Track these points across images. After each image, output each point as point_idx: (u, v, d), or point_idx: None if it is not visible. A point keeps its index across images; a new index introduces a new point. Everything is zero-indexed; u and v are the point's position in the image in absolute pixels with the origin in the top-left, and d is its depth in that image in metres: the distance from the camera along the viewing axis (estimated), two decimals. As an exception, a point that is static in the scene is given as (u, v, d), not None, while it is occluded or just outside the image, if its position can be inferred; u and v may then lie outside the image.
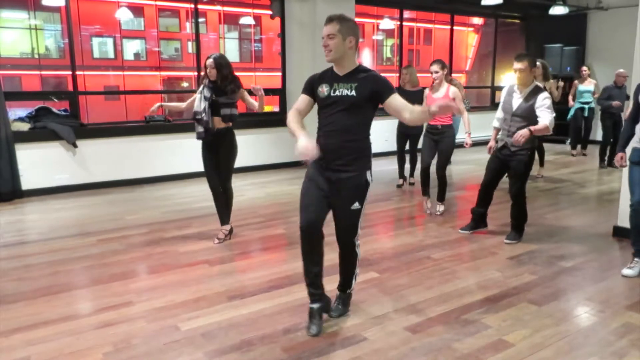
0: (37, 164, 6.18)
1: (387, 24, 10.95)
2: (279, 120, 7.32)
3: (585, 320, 3.03)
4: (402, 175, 6.81)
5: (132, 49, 20.07)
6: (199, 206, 5.49)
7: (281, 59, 8.22)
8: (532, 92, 4.08)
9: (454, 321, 2.96)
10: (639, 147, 3.65)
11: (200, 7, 7.63)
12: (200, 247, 4.30)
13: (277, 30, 8.35)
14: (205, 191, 4.36)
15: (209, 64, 4.17)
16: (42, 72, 15.75)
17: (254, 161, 7.54)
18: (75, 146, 6.34)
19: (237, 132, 4.40)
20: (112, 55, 19.42)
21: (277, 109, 8.56)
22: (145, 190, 6.54)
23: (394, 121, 7.01)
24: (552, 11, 9.64)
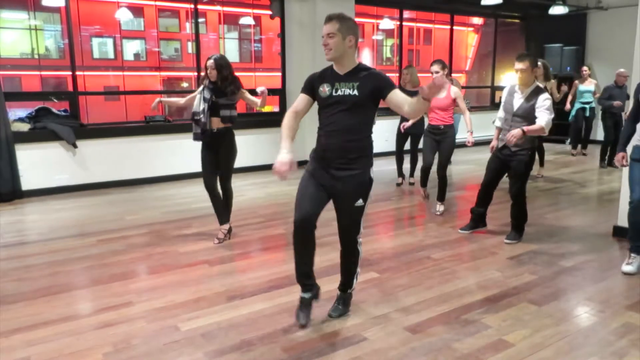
0: (37, 164, 6.18)
1: (387, 24, 10.95)
2: (279, 120, 7.19)
3: (585, 320, 3.03)
4: (400, 173, 6.82)
5: (132, 49, 20.07)
6: (199, 206, 5.49)
7: (281, 59, 8.22)
8: (533, 93, 4.08)
9: (454, 321, 2.96)
10: None
11: (200, 7, 7.64)
12: (200, 247, 4.30)
13: (277, 30, 8.35)
14: (205, 191, 4.35)
15: (209, 65, 4.17)
16: (42, 73, 15.76)
17: (254, 161, 7.54)
18: (75, 146, 6.34)
19: (237, 132, 4.40)
20: (112, 55, 19.42)
21: (277, 109, 8.57)
22: (145, 190, 6.54)
23: (394, 121, 7.03)
24: (552, 11, 9.64)
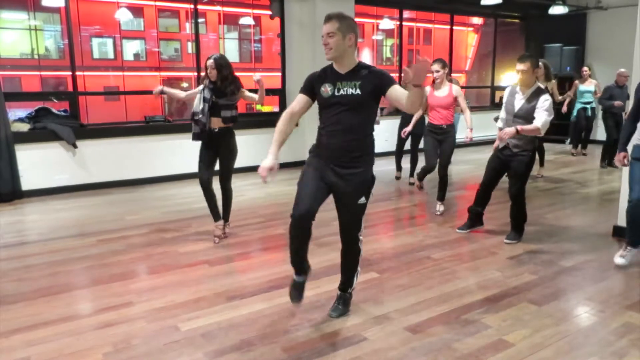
0: (37, 164, 6.18)
1: (387, 24, 10.96)
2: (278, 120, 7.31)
3: (585, 320, 3.03)
4: (399, 168, 6.99)
5: (131, 49, 20.09)
6: (199, 206, 5.48)
7: (281, 59, 8.22)
8: (535, 94, 4.08)
9: (454, 321, 2.96)
10: None
11: (199, 7, 7.64)
12: (200, 247, 4.30)
13: (276, 30, 8.36)
14: (204, 191, 4.36)
15: (209, 65, 4.17)
16: (42, 73, 15.78)
17: (254, 161, 7.43)
18: (75, 147, 6.34)
19: (237, 132, 4.41)
20: (111, 55, 19.44)
21: (277, 109, 8.57)
22: (145, 190, 6.54)
23: (395, 121, 7.03)
24: (552, 11, 9.64)
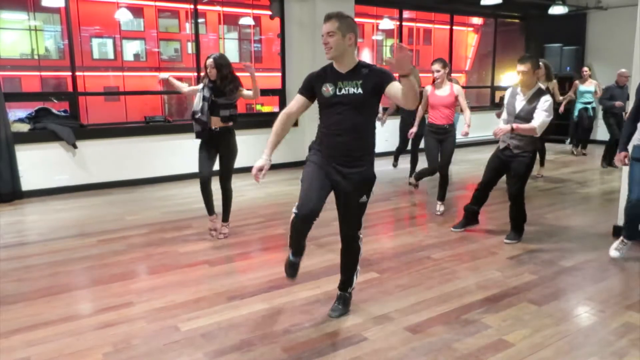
0: (37, 164, 6.18)
1: (387, 24, 10.93)
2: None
3: (585, 320, 3.03)
4: (397, 158, 7.21)
5: (131, 49, 20.07)
6: (199, 206, 5.46)
7: (281, 60, 8.22)
8: (535, 95, 4.08)
9: (454, 321, 2.96)
10: None
11: (199, 7, 7.63)
12: (200, 247, 4.30)
13: (276, 30, 8.36)
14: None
15: (209, 64, 4.18)
16: (42, 73, 15.76)
17: (253, 161, 7.47)
18: (75, 147, 6.34)
19: (237, 132, 4.41)
20: (111, 56, 19.42)
21: (277, 109, 8.57)
22: (145, 190, 6.54)
23: (395, 121, 7.04)
24: (552, 11, 9.64)
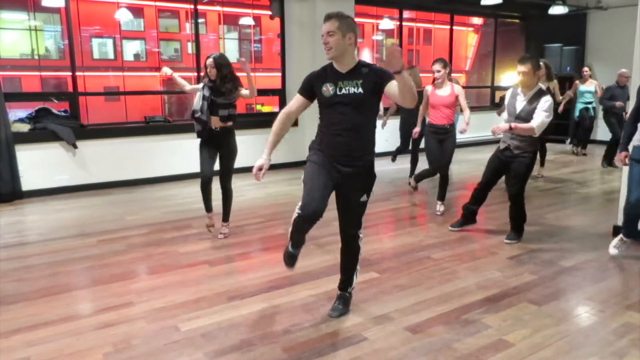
0: (37, 165, 6.18)
1: (387, 24, 10.93)
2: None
3: (585, 320, 3.03)
4: (396, 155, 7.18)
5: (131, 49, 20.06)
6: (199, 206, 5.46)
7: (281, 60, 8.22)
8: (536, 95, 4.08)
9: (454, 321, 2.96)
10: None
11: (199, 7, 7.63)
12: (200, 247, 4.30)
13: (276, 30, 8.35)
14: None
15: (209, 64, 4.19)
16: (42, 73, 15.75)
17: (253, 161, 7.47)
18: (75, 147, 6.34)
19: (237, 132, 4.42)
20: (112, 56, 19.42)
21: (277, 109, 8.57)
22: (145, 190, 6.53)
23: (395, 121, 7.03)
24: (552, 11, 9.64)
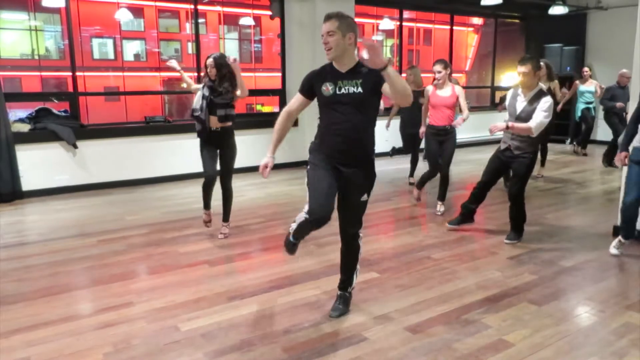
0: (37, 165, 6.18)
1: (387, 24, 10.93)
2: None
3: (585, 320, 3.03)
4: (395, 151, 7.12)
5: (132, 49, 20.07)
6: (199, 207, 5.46)
7: (281, 60, 8.22)
8: (536, 96, 4.07)
9: (454, 321, 2.96)
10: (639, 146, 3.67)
11: (200, 7, 7.64)
12: (200, 247, 4.30)
13: (276, 30, 8.36)
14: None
15: (209, 64, 4.21)
16: (42, 73, 15.76)
17: (253, 161, 7.45)
18: (75, 147, 6.34)
19: (237, 132, 4.42)
20: (112, 56, 19.42)
21: (277, 109, 8.57)
22: (145, 190, 6.54)
23: (395, 122, 7.03)
24: (552, 11, 9.64)
